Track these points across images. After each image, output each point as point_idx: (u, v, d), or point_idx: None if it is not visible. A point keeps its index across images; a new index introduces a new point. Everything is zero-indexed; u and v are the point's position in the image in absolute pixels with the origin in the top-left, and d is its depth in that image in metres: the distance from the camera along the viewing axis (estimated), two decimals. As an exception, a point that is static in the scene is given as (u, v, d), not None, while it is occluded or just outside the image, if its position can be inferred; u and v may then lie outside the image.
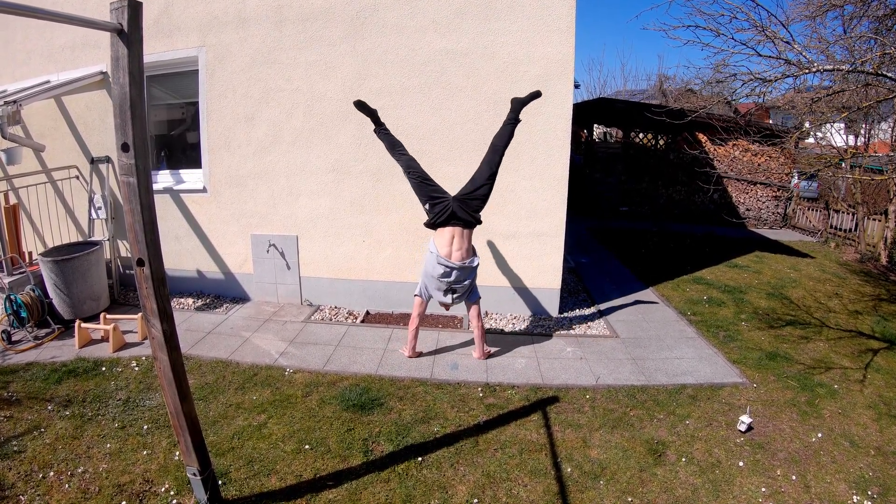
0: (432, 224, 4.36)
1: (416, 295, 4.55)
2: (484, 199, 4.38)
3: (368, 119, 4.53)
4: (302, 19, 5.27)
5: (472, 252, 4.39)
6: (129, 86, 1.96)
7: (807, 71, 3.70)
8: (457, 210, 4.25)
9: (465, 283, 4.38)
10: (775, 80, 3.88)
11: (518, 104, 4.45)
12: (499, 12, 4.97)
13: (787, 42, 3.79)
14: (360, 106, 4.49)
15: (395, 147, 4.49)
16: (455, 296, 4.41)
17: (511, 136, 4.43)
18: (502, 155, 4.40)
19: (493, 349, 4.81)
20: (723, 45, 4.00)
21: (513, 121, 4.44)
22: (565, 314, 5.80)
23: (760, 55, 3.84)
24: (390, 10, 5.10)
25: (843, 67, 3.66)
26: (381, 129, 4.55)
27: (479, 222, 4.39)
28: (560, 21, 4.91)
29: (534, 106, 5.10)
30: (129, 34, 1.92)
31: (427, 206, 4.36)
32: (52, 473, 3.03)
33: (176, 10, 5.54)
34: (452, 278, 4.29)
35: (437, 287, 4.38)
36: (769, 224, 13.40)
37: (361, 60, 5.26)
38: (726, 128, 9.57)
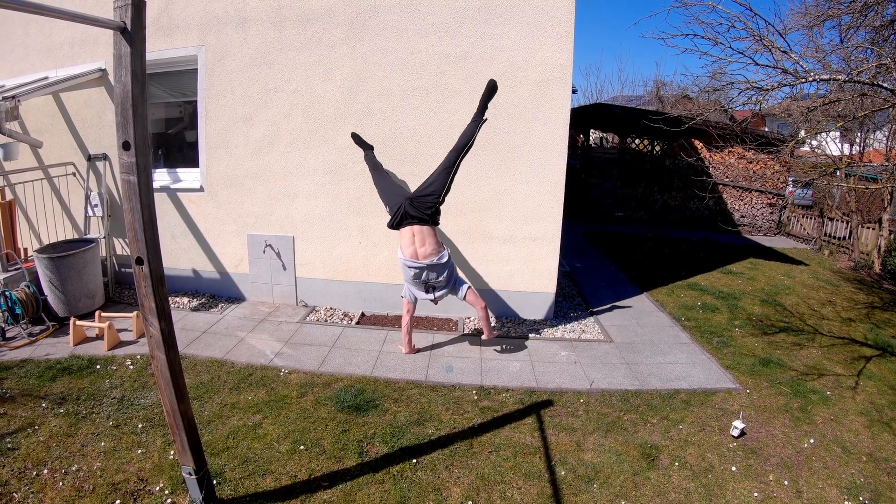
0: (391, 225, 4.51)
1: (402, 297, 4.70)
2: (436, 195, 4.41)
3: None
4: (302, 20, 5.28)
5: (439, 248, 4.46)
6: (131, 84, 1.97)
7: (803, 80, 3.74)
8: (408, 209, 4.36)
9: (441, 278, 4.48)
10: (772, 90, 3.91)
11: (483, 101, 4.51)
12: (498, 16, 4.99)
13: (784, 51, 3.83)
14: (357, 139, 5.16)
15: (375, 167, 5.02)
16: (437, 293, 4.52)
17: (474, 134, 4.48)
18: (461, 153, 4.46)
19: (496, 346, 4.94)
20: (720, 53, 4.04)
21: (477, 120, 4.52)
22: (560, 318, 5.82)
23: (758, 64, 3.88)
24: (390, 13, 5.12)
25: (840, 77, 3.70)
26: (369, 156, 5.11)
27: (434, 220, 4.45)
28: (559, 26, 4.93)
29: (532, 110, 5.15)
30: (133, 33, 1.93)
31: (388, 209, 4.54)
32: (45, 471, 3.02)
33: (176, 8, 5.54)
34: (424, 277, 4.42)
35: (417, 287, 4.52)
36: (764, 231, 13.47)
37: (361, 62, 5.27)
38: (723, 135, 9.61)
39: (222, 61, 5.55)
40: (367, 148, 5.18)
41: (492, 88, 4.46)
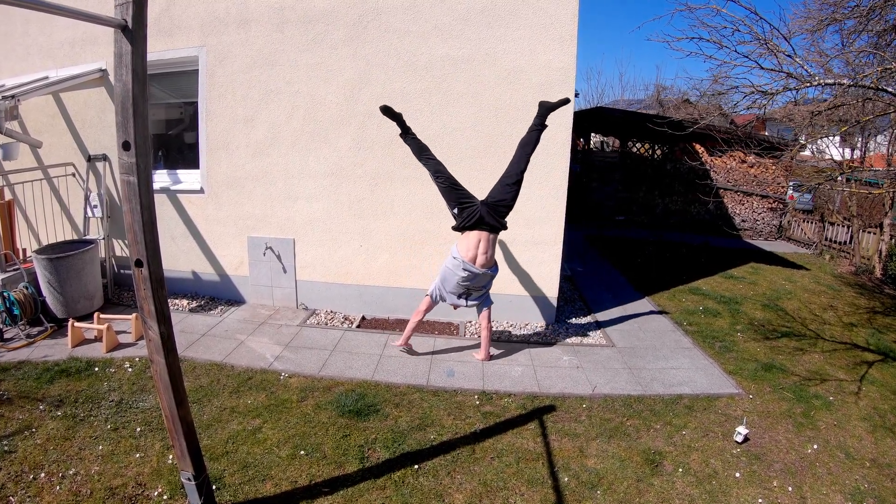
0: (462, 228, 4.39)
1: (427, 295, 4.62)
2: (510, 206, 4.43)
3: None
4: (304, 21, 5.26)
5: (494, 261, 4.48)
6: (132, 83, 1.94)
7: (808, 84, 3.72)
8: (485, 215, 4.30)
9: (482, 288, 4.50)
10: (776, 94, 3.90)
11: (546, 109, 4.48)
12: (501, 20, 4.97)
13: (789, 55, 3.81)
14: (386, 111, 4.51)
15: (423, 152, 4.52)
16: (470, 300, 4.50)
17: (537, 142, 4.47)
18: (528, 161, 4.44)
19: (496, 351, 4.88)
20: (725, 57, 4.00)
21: (539, 126, 4.47)
22: (562, 322, 5.79)
23: (763, 68, 3.86)
24: (393, 15, 5.10)
25: (844, 82, 3.68)
26: (407, 135, 4.59)
27: (505, 227, 4.45)
28: (562, 29, 4.92)
29: (535, 113, 5.11)
30: (134, 31, 1.90)
31: (455, 211, 4.39)
32: (42, 475, 2.98)
33: (177, 8, 5.52)
34: (472, 283, 4.38)
35: (454, 290, 4.45)
36: (764, 235, 13.46)
37: (363, 64, 5.25)
38: (726, 140, 9.58)
39: (223, 62, 5.53)
40: (401, 121, 4.52)
41: (563, 101, 4.49)
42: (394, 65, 5.21)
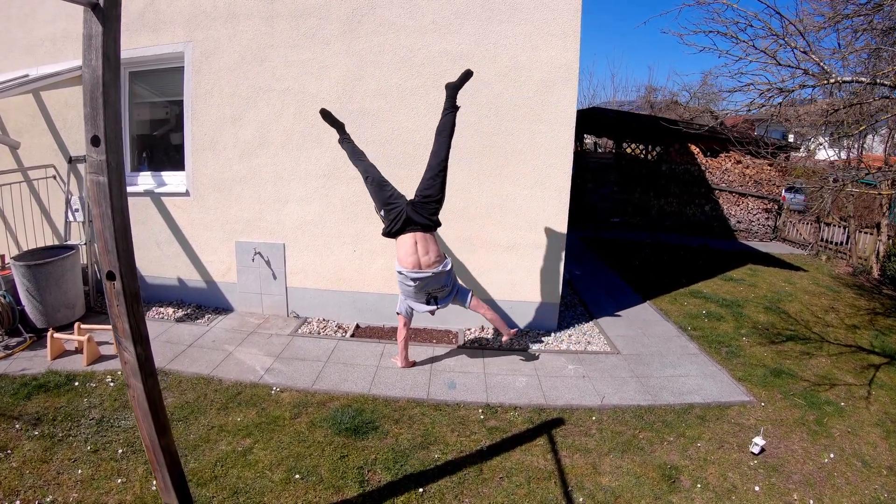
0: (389, 233, 4.17)
1: (397, 312, 4.40)
2: (438, 200, 4.18)
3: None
4: (295, 16, 5.04)
5: (442, 256, 4.22)
6: (102, 69, 1.70)
7: (825, 82, 3.57)
8: (412, 214, 4.06)
9: (445, 288, 4.24)
10: (793, 91, 3.74)
11: (452, 89, 4.24)
12: (501, 14, 4.79)
13: (805, 52, 3.66)
14: (326, 115, 4.46)
15: (356, 154, 4.43)
16: (440, 302, 4.28)
17: (454, 125, 4.22)
18: (448, 148, 4.20)
19: (499, 356, 4.74)
20: (740, 52, 3.85)
21: (451, 109, 4.23)
22: (563, 329, 5.61)
23: (780, 64, 3.70)
24: (388, 9, 4.89)
25: (863, 79, 3.54)
26: (344, 139, 4.51)
27: (438, 224, 4.22)
28: (565, 25, 4.75)
29: (536, 112, 4.95)
30: (106, 9, 1.66)
31: (382, 213, 4.19)
32: (18, 502, 2.74)
33: (162, 2, 5.26)
34: (429, 286, 4.15)
35: (418, 300, 4.24)
36: (759, 236, 13.42)
37: (357, 60, 5.04)
38: (739, 140, 9.46)
39: (210, 59, 5.29)
40: (340, 128, 4.54)
41: (466, 75, 4.24)
42: (389, 61, 5.01)
